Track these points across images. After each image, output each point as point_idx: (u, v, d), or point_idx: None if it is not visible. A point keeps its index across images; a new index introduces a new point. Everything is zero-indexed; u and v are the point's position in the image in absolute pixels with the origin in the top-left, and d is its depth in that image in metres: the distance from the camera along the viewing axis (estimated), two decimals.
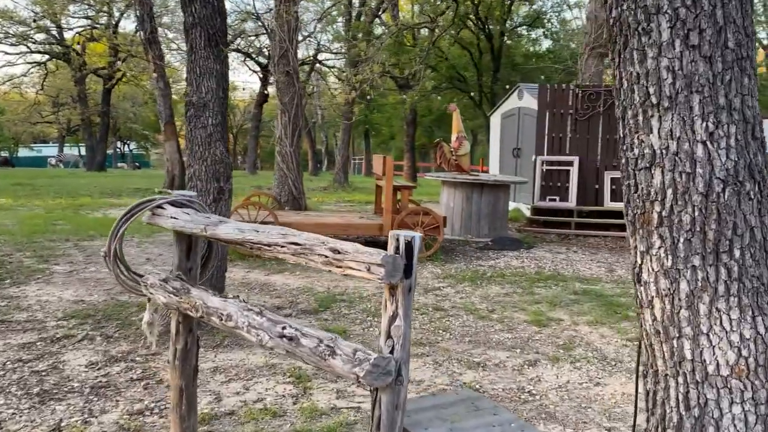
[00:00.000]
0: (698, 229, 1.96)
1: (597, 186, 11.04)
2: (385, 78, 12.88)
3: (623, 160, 2.13)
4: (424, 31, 26.58)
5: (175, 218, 2.66)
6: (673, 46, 1.95)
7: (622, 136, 2.11)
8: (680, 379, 2.03)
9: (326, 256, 2.14)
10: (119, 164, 52.57)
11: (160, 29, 21.44)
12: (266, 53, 26.75)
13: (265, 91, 31.68)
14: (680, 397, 2.04)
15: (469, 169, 10.66)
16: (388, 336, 2.09)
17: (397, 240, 2.05)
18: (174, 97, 20.55)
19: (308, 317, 5.92)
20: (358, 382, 2.05)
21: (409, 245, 2.06)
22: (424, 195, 18.35)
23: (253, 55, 29.02)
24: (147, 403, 4.00)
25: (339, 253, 2.10)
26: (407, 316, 2.10)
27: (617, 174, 10.94)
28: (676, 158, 1.97)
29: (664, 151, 1.98)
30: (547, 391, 4.44)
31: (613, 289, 7.21)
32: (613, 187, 10.91)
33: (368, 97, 12.10)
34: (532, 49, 23.95)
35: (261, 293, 6.71)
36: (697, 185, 1.95)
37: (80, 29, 31.13)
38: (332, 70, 32.60)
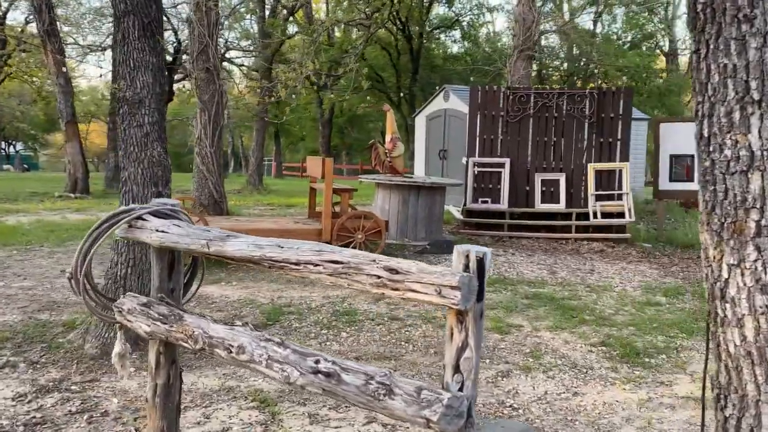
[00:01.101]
0: None
1: (528, 188, 11.10)
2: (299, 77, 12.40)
3: (706, 163, 1.91)
4: (337, 32, 26.31)
5: (163, 231, 2.22)
6: None
7: (706, 135, 1.88)
8: None
9: (378, 277, 1.79)
10: (5, 166, 48.92)
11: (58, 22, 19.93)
12: (170, 49, 25.53)
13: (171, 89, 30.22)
14: None
15: (404, 171, 10.44)
16: (457, 370, 1.77)
17: (467, 257, 1.74)
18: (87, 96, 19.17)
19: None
20: (428, 427, 1.72)
21: (480, 263, 1.74)
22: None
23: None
24: None
25: (397, 272, 1.76)
26: (479, 347, 1.79)
27: (547, 176, 11.06)
28: None
29: (765, 153, 1.76)
30: (528, 404, 4.24)
31: (561, 293, 7.16)
32: (543, 188, 11.00)
33: (293, 96, 11.70)
34: (450, 51, 24.18)
35: (199, 307, 6.18)
36: None
37: None
38: (241, 68, 31.66)
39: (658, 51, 23.52)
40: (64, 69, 17.05)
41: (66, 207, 14.75)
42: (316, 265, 1.88)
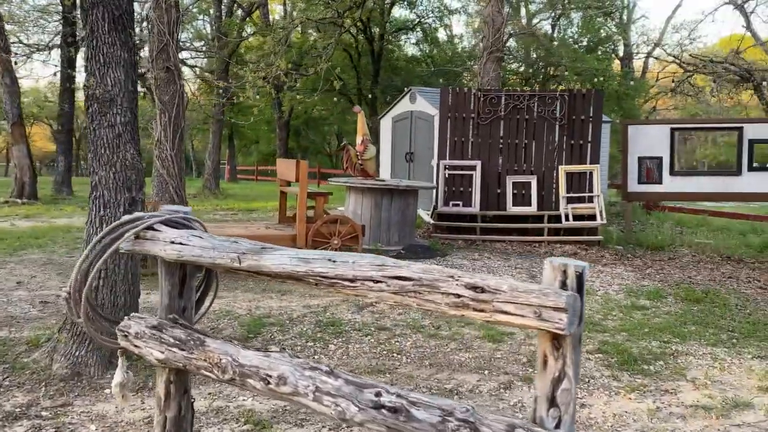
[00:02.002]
0: None
1: (499, 191, 10.98)
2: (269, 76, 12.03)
3: None
4: (294, 34, 25.85)
5: (181, 244, 1.91)
6: None
7: None
8: None
9: (458, 296, 1.54)
10: None
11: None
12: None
13: None
14: None
15: (375, 174, 10.18)
16: (553, 403, 1.53)
17: (564, 272, 1.49)
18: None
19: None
20: None
21: (580, 279, 1.51)
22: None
23: None
24: None
25: (483, 291, 1.51)
26: (577, 377, 1.55)
27: (519, 178, 10.96)
28: None
29: None
30: None
31: None
32: (515, 191, 10.90)
33: (258, 96, 11.33)
34: (410, 53, 24.02)
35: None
36: None
37: None
38: (194, 69, 30.87)
39: (613, 55, 23.89)
40: (13, 65, 16.19)
41: (14, 213, 13.98)
42: (377, 281, 1.61)
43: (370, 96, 21.88)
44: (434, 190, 11.30)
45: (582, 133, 10.81)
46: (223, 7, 20.79)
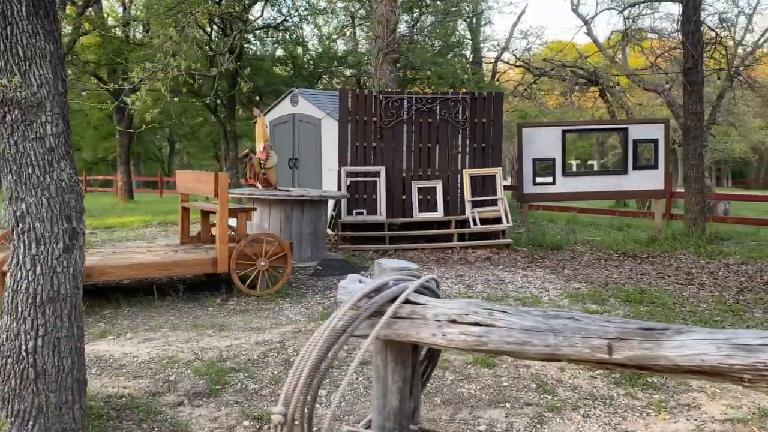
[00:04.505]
0: None
1: (405, 197, 10.59)
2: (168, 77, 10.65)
3: None
4: (138, 32, 23.73)
5: (478, 325, 1.22)
6: None
7: None
8: None
9: None
10: None
11: None
12: None
13: None
14: None
15: (276, 183, 9.33)
16: None
17: None
18: None
19: (207, 403, 4.23)
20: None
21: None
22: (156, 214, 16.19)
23: None
24: None
25: None
26: None
27: (424, 183, 10.65)
28: None
29: None
30: None
31: None
32: (420, 197, 10.57)
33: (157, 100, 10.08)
34: (268, 52, 22.88)
35: (107, 375, 4.70)
36: None
37: None
38: None
39: (463, 59, 24.58)
40: None
41: None
42: None
43: (227, 98, 20.60)
44: (332, 199, 10.65)
45: (484, 136, 10.74)
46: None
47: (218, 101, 20.07)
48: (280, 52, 23.01)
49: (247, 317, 6.29)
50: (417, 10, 21.09)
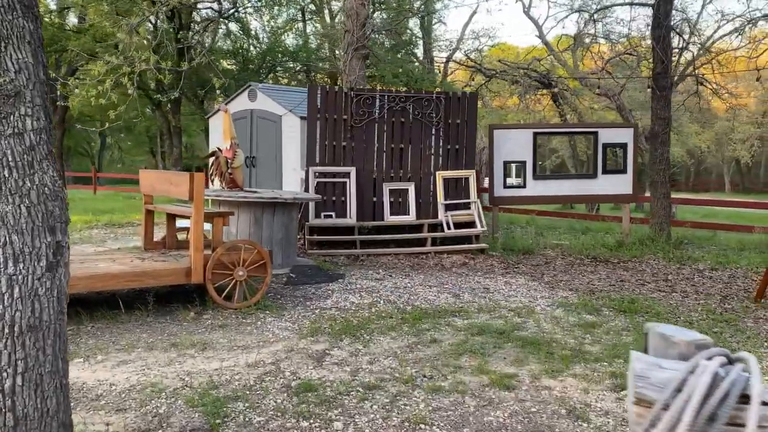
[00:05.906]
0: None
1: (375, 199, 10.13)
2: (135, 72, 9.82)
3: None
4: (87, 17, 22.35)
5: None
6: None
7: None
8: None
9: None
10: None
11: None
12: None
13: None
14: None
15: (243, 184, 8.71)
16: None
17: None
18: None
19: None
20: None
21: None
22: (100, 213, 15.29)
23: None
24: None
25: None
26: None
27: (396, 185, 10.22)
28: None
29: None
30: None
31: (497, 322, 6.35)
32: (392, 199, 10.14)
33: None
34: (221, 45, 21.88)
35: (83, 407, 4.06)
36: None
37: None
38: None
39: (414, 59, 24.29)
40: None
41: None
42: None
43: (172, 93, 19.59)
44: (305, 201, 10.08)
45: (458, 137, 10.39)
46: None
47: (162, 98, 19.07)
48: (227, 45, 22.15)
49: (229, 334, 5.71)
50: (371, 6, 20.64)
